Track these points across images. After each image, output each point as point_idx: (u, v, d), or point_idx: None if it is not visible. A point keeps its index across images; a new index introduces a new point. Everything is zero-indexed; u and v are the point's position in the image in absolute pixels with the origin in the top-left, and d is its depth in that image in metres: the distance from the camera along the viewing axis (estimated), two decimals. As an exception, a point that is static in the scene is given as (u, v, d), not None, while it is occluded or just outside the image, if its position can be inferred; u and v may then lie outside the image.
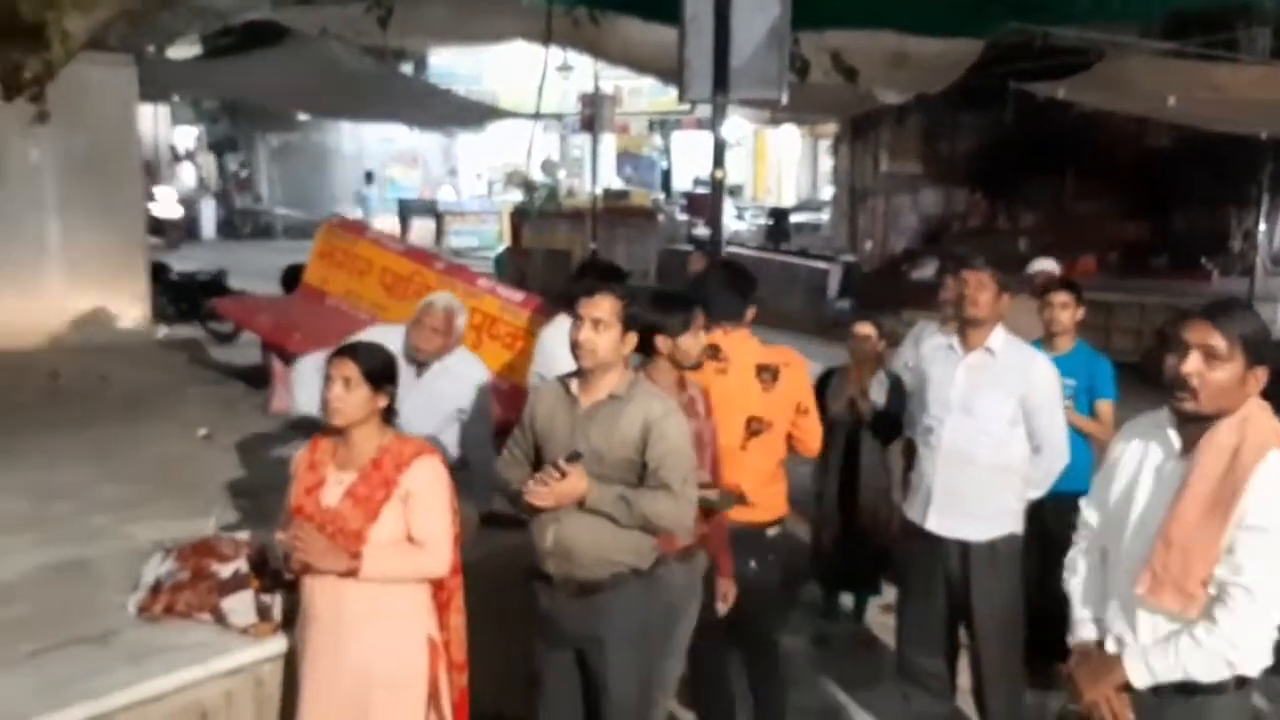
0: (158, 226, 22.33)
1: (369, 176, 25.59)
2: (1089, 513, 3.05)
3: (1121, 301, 14.60)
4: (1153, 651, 2.73)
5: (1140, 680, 2.75)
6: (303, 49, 12.71)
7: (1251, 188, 15.07)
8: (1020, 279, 7.18)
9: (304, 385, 4.66)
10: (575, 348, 3.34)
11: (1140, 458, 2.84)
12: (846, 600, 6.06)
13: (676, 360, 3.78)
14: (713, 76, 5.67)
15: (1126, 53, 11.35)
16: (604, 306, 3.33)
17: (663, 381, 3.71)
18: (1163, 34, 12.19)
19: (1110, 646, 2.84)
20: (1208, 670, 2.67)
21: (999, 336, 4.22)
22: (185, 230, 23.91)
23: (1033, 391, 4.15)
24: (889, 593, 5.72)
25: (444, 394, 4.56)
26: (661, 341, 3.73)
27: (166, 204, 23.57)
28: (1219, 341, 2.63)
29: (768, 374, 4.20)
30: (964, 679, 4.42)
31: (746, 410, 4.14)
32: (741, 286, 4.37)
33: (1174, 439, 2.75)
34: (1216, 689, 2.70)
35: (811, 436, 4.43)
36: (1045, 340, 5.12)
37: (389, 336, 4.35)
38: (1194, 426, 2.70)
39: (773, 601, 4.44)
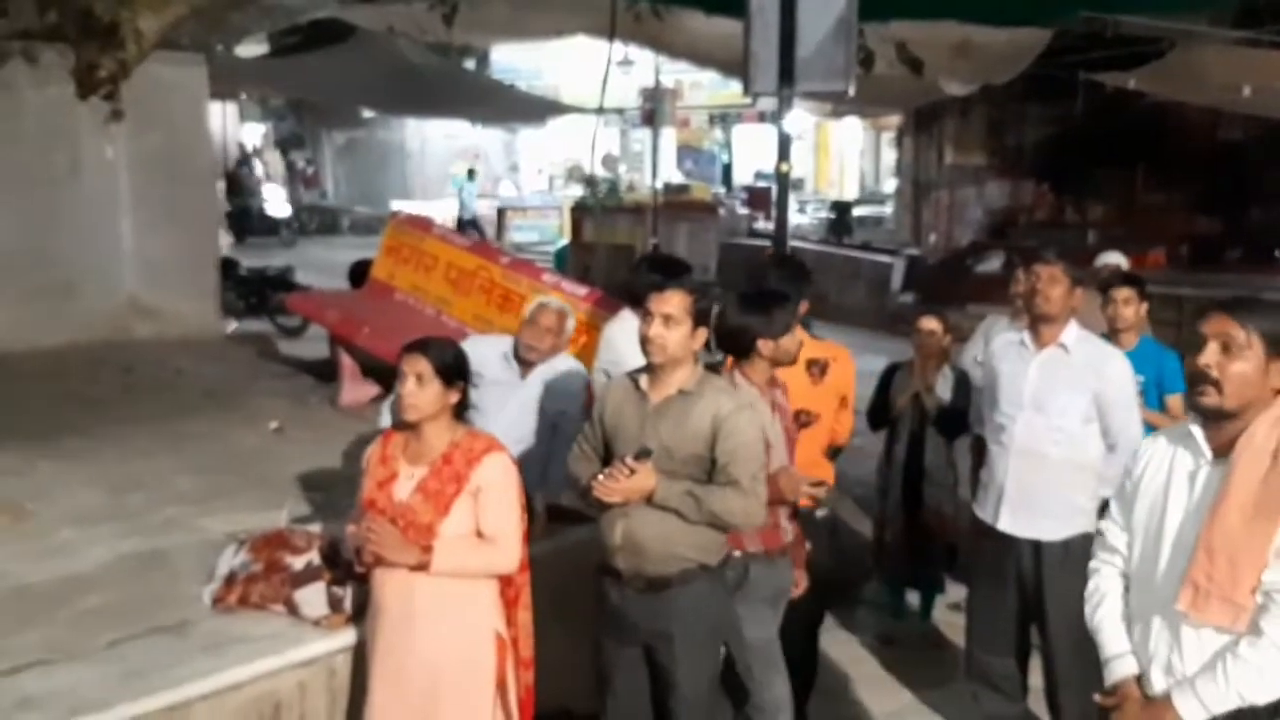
0: (272, 225, 22.62)
1: (470, 173, 25.52)
2: (1113, 535, 2.84)
3: (1192, 296, 14.28)
4: (1200, 682, 2.52)
5: (1195, 718, 2.53)
6: (368, 46, 12.85)
7: (1329, 180, 14.69)
8: (1087, 273, 7.07)
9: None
10: (645, 343, 3.34)
11: (1168, 467, 2.68)
12: (913, 599, 6.01)
13: (778, 360, 3.82)
14: (778, 69, 5.64)
15: (1199, 42, 11.11)
16: (674, 302, 3.32)
17: (757, 380, 3.74)
18: (1235, 22, 11.91)
19: (1156, 677, 2.63)
20: (1263, 690, 2.47)
21: (1072, 332, 4.14)
22: (296, 228, 24.11)
23: (1108, 388, 4.07)
24: (955, 591, 5.67)
25: (547, 396, 4.60)
26: (763, 344, 3.75)
27: (276, 202, 23.67)
28: (1237, 332, 2.51)
29: (816, 368, 4.28)
30: (1035, 680, 4.37)
31: (796, 404, 4.16)
32: (795, 281, 4.42)
33: (1203, 443, 2.60)
34: (1275, 710, 2.49)
35: (845, 428, 4.59)
36: (1110, 336, 5.02)
37: (486, 344, 4.46)
38: (1223, 429, 2.56)
39: (827, 581, 4.46)
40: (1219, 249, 16.89)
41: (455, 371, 3.25)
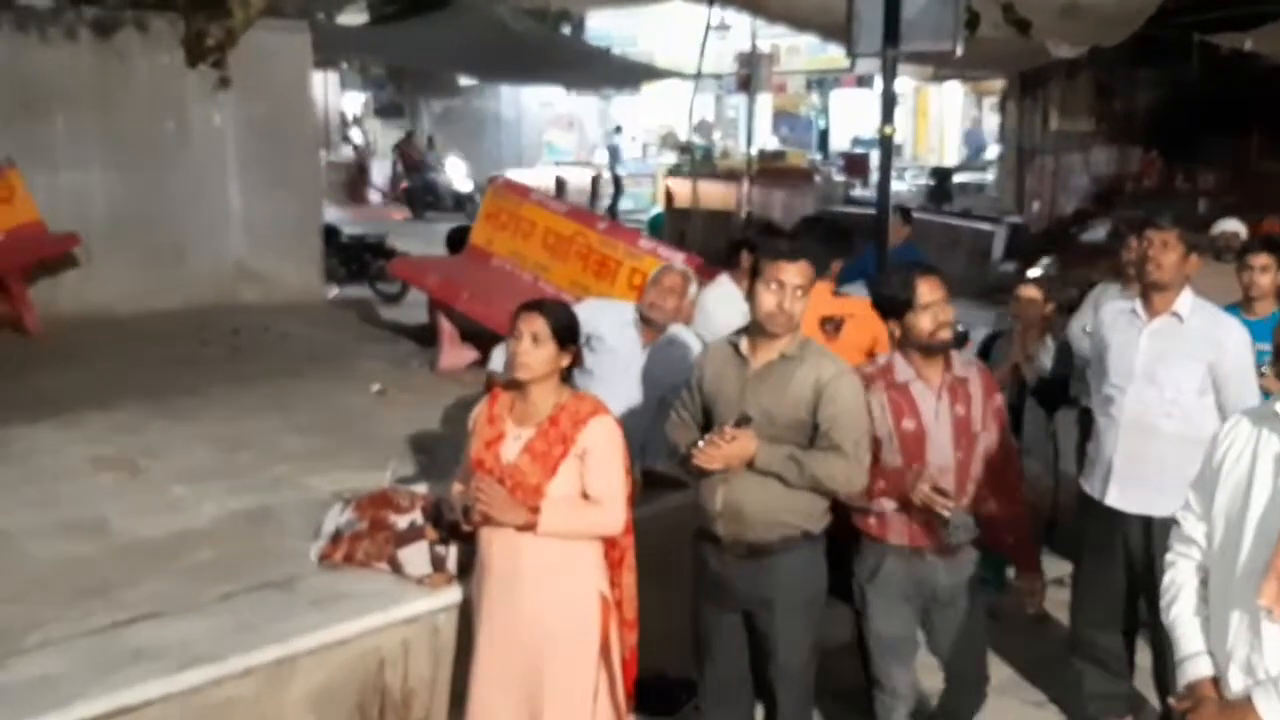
0: (458, 200, 22.59)
1: (618, 129, 25.47)
2: (1190, 525, 2.65)
3: (1311, 266, 13.75)
4: None
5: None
6: (467, 13, 12.92)
7: None
8: (1204, 241, 6.83)
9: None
10: (771, 315, 3.28)
11: (1252, 451, 2.46)
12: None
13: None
14: (883, 29, 5.51)
15: (1323, -1, 10.61)
16: (804, 272, 3.29)
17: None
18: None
19: (1234, 677, 2.43)
20: None
21: (1186, 300, 3.99)
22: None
23: (1224, 359, 3.91)
24: (1054, 566, 5.55)
25: (662, 368, 4.60)
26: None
27: (458, 177, 23.51)
28: None
29: (830, 325, 4.28)
30: (1142, 659, 4.26)
31: None
32: (832, 241, 4.56)
33: None
34: None
35: None
36: (1244, 305, 4.85)
37: (606, 310, 4.54)
38: None
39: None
40: (1340, 218, 16.17)
41: (569, 334, 3.26)
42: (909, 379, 3.53)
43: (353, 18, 16.90)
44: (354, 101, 29.68)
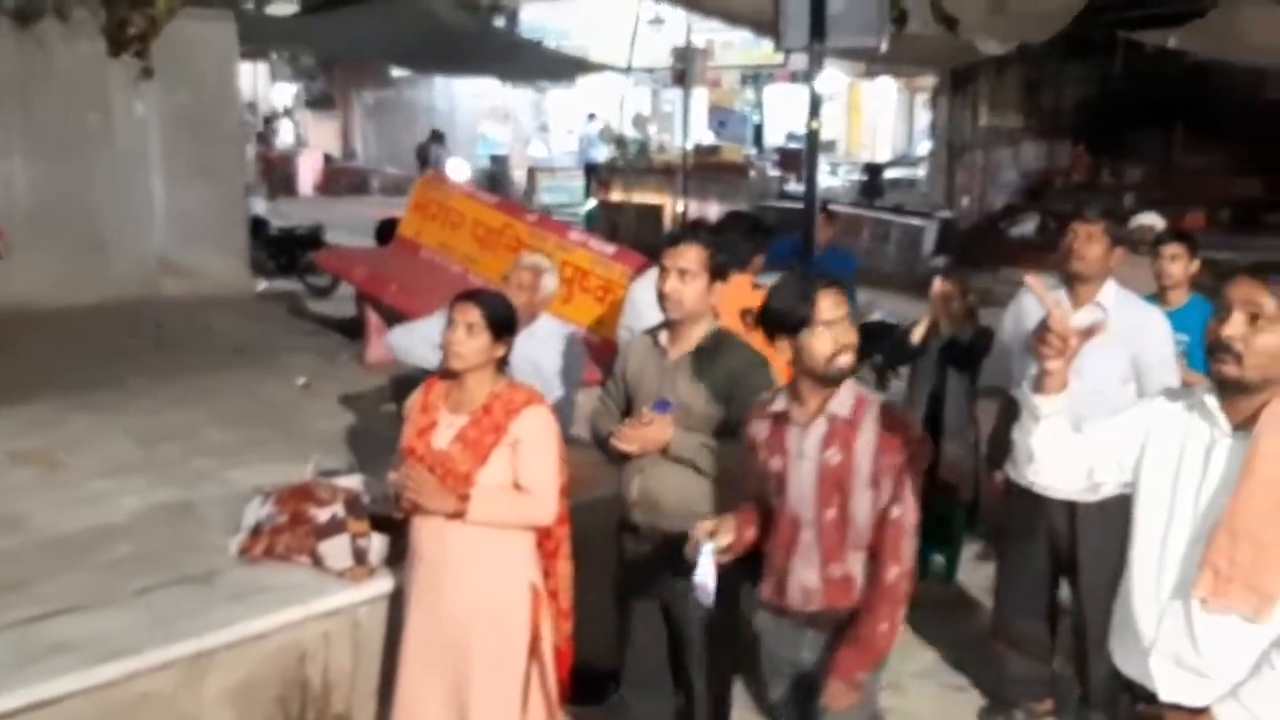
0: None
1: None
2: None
3: (1230, 260, 14.09)
4: (1247, 691, 2.34)
5: None
6: (398, 4, 12.79)
7: (1372, 141, 14.38)
8: (1124, 233, 6.97)
9: (412, 348, 4.69)
10: (662, 299, 3.33)
11: (1180, 439, 2.46)
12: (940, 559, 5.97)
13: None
14: (810, 24, 5.54)
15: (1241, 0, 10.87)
16: (690, 256, 3.31)
17: None
18: (1281, -20, 11.63)
19: (1158, 666, 2.46)
20: None
21: (1110, 291, 4.08)
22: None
23: (1146, 349, 4.00)
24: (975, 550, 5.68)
25: (528, 359, 4.56)
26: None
27: (460, 176, 23.07)
28: (1266, 301, 2.31)
29: (750, 317, 4.22)
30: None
31: None
32: (754, 236, 4.57)
33: (1220, 415, 2.40)
34: None
35: None
36: (1159, 295, 4.94)
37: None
38: (1241, 401, 2.36)
39: None
40: (1259, 212, 16.59)
41: (505, 324, 3.26)
42: (785, 409, 2.97)
43: (282, 7, 16.65)
44: (284, 93, 29.29)
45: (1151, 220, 7.17)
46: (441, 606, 3.22)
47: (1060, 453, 2.53)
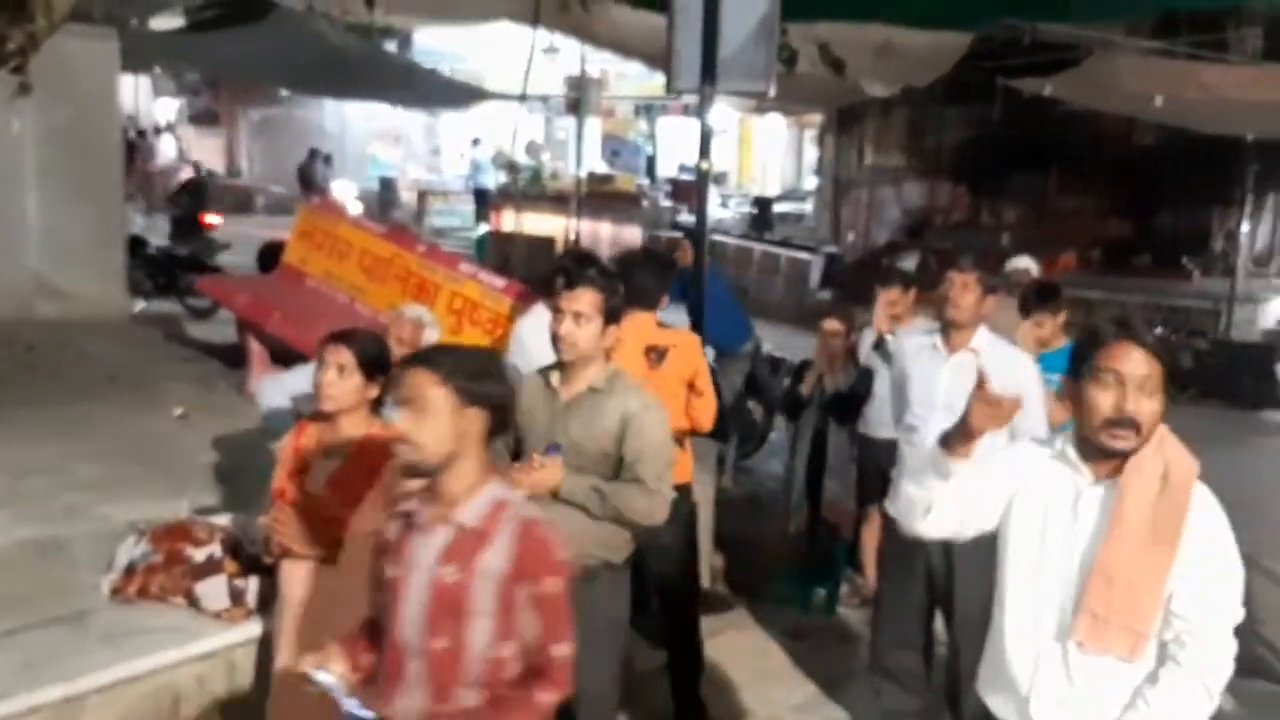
0: None
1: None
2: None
3: (1101, 300, 14.68)
4: None
5: None
6: (287, 24, 12.59)
7: (1235, 189, 15.12)
8: (999, 277, 7.25)
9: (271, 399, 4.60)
10: (556, 341, 3.35)
11: (1046, 490, 2.53)
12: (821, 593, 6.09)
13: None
14: (701, 67, 5.63)
15: (1114, 51, 11.37)
16: (586, 300, 3.33)
17: None
18: (1152, 33, 12.21)
19: (1038, 709, 2.53)
20: (1195, 715, 2.46)
21: (983, 337, 4.27)
22: None
23: (1013, 392, 4.15)
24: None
25: None
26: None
27: (347, 198, 21.55)
28: (1155, 370, 2.39)
29: (655, 354, 4.34)
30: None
31: None
32: (660, 274, 4.58)
33: (1082, 465, 2.50)
34: None
35: (702, 415, 4.53)
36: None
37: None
38: (1101, 454, 2.47)
39: (679, 559, 4.51)
40: (1129, 254, 17.33)
41: (377, 364, 3.23)
42: (414, 510, 2.49)
43: (167, 22, 16.26)
44: (167, 107, 28.56)
45: (1026, 264, 7.45)
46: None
47: (956, 506, 2.57)
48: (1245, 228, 15.49)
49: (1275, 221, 16.64)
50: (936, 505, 2.55)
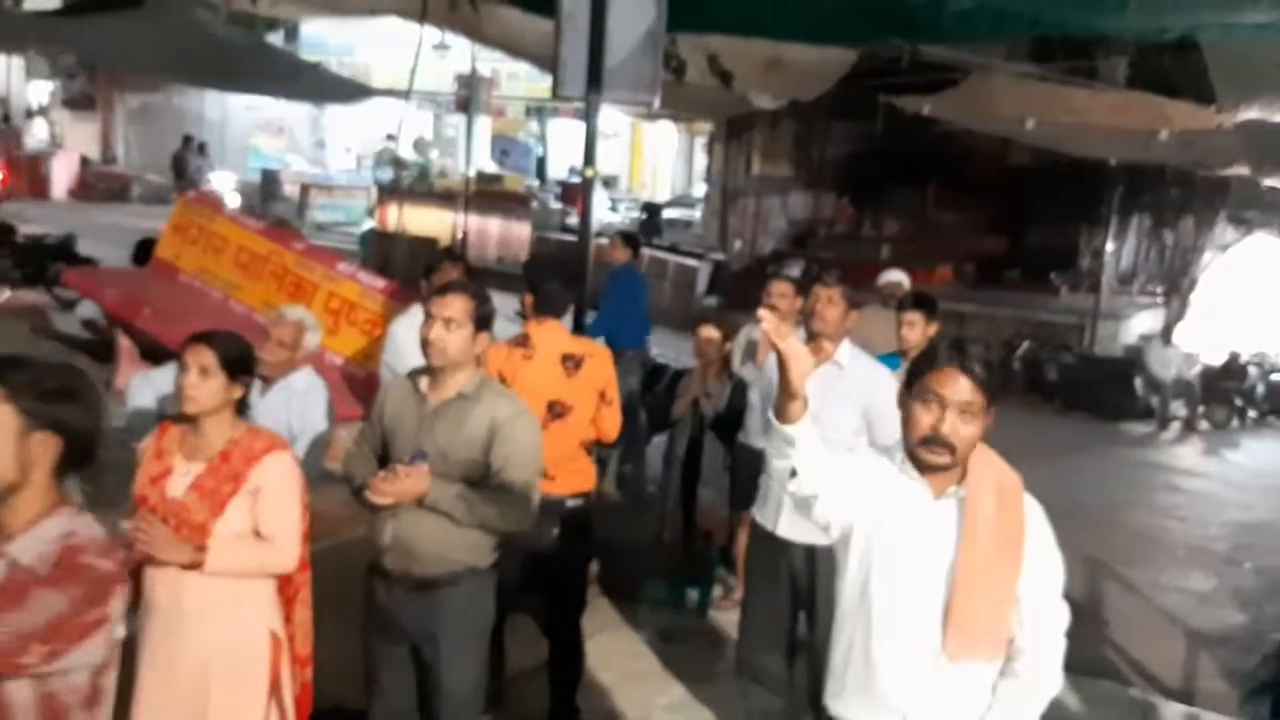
0: None
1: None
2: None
3: (974, 313, 15.16)
4: None
5: None
6: (168, 11, 12.24)
7: (1102, 209, 15.77)
8: (874, 290, 7.48)
9: (139, 397, 4.49)
10: (425, 346, 3.35)
11: (893, 504, 2.62)
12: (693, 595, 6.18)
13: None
14: (587, 75, 5.66)
15: (991, 73, 11.72)
16: (456, 306, 3.34)
17: None
18: (1029, 57, 12.61)
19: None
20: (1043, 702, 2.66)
21: (846, 350, 4.42)
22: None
23: (875, 403, 4.31)
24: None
25: (284, 412, 4.45)
26: None
27: (225, 189, 21.27)
28: (975, 397, 2.50)
29: (571, 362, 4.40)
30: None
31: (548, 395, 4.29)
32: (568, 283, 4.64)
33: (921, 482, 2.60)
34: None
35: (609, 424, 4.59)
36: (902, 355, 5.30)
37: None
38: (942, 473, 2.59)
39: (574, 566, 4.59)
40: (1001, 268, 17.92)
41: (240, 365, 3.18)
42: None
43: (43, 1, 15.65)
44: (40, 90, 27.51)
45: (898, 277, 7.68)
46: (178, 657, 3.12)
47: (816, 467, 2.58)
48: (1110, 247, 16.17)
49: (1138, 242, 17.40)
50: (800, 469, 2.57)
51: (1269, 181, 12.14)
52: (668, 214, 23.61)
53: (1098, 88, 12.08)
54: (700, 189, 25.46)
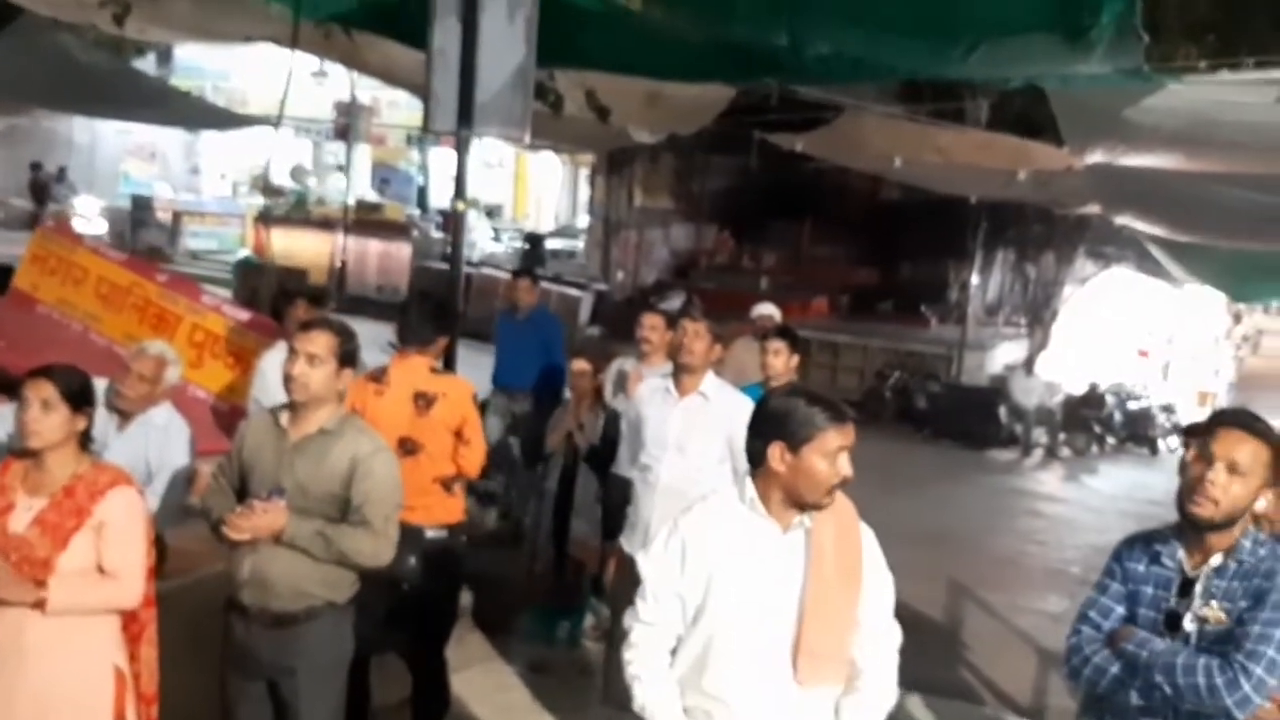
0: None
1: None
2: (651, 608, 2.80)
3: (848, 343, 15.58)
4: None
5: None
6: (30, 35, 11.87)
7: (969, 244, 16.36)
8: (745, 321, 7.66)
9: None
10: (288, 381, 3.35)
11: (740, 537, 2.69)
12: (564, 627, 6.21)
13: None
14: (458, 110, 5.67)
15: (862, 113, 12.08)
16: (320, 342, 3.36)
17: None
18: (898, 98, 13.05)
19: None
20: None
21: (711, 382, 4.55)
22: None
23: (738, 433, 4.40)
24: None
25: (143, 447, 4.40)
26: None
27: (90, 217, 20.48)
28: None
29: (423, 401, 4.41)
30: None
31: (399, 430, 4.27)
32: (438, 318, 4.64)
33: (771, 520, 2.67)
34: None
35: (468, 463, 4.59)
36: (765, 384, 5.44)
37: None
38: (791, 509, 2.67)
39: (437, 597, 4.57)
40: (874, 300, 18.43)
41: (82, 398, 3.15)
42: None
43: (-104, 20, 15.03)
44: (-105, 110, 26.31)
45: (769, 310, 7.89)
46: (18, 694, 3.07)
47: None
48: (975, 280, 16.77)
49: (1003, 275, 18.08)
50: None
51: (1119, 220, 12.74)
52: (551, 244, 23.69)
53: (961, 128, 12.56)
54: (585, 219, 25.61)
